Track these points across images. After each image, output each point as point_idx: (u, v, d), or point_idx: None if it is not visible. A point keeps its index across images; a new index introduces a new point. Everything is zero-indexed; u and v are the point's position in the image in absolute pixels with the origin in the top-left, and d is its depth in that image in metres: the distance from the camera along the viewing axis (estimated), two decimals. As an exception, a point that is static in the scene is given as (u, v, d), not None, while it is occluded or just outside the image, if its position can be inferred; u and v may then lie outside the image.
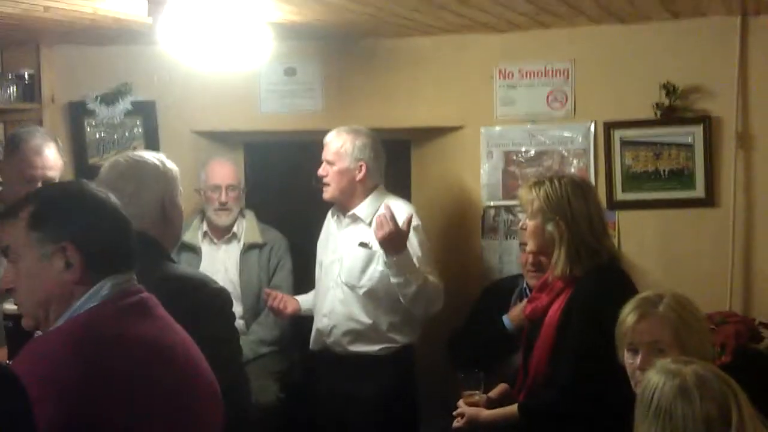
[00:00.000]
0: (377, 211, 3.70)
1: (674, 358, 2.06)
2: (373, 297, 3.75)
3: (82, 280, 1.83)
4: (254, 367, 3.87)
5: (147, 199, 2.48)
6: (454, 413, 3.19)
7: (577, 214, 3.03)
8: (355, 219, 3.81)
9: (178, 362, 1.88)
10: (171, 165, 2.61)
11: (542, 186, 3.09)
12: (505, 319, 3.67)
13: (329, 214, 3.97)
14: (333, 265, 3.85)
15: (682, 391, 1.89)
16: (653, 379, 1.95)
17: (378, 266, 3.71)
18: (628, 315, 2.47)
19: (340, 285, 3.81)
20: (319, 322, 3.87)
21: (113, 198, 1.96)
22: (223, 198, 4.11)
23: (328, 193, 3.82)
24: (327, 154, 3.81)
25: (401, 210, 3.71)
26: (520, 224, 3.28)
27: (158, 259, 2.43)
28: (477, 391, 3.22)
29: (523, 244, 3.77)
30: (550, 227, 3.04)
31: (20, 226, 1.84)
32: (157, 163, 2.57)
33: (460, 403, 3.20)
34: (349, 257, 3.79)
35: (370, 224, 3.72)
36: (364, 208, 3.79)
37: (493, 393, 3.30)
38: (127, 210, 2.40)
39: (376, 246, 3.67)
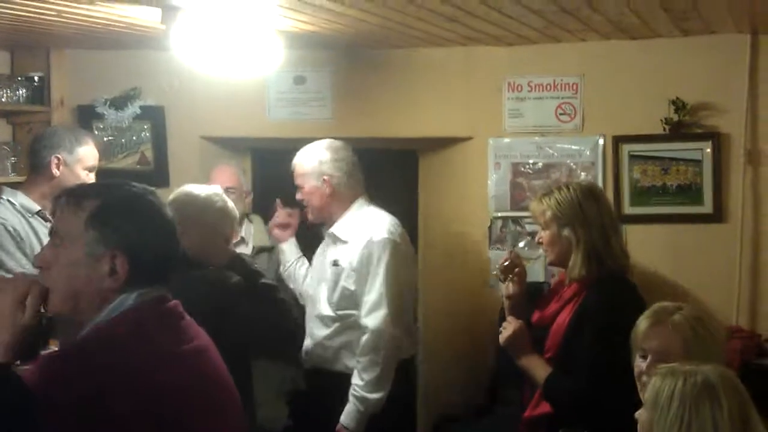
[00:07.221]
0: (356, 226, 3.62)
1: (683, 362, 2.07)
2: (343, 316, 3.61)
3: (120, 289, 1.82)
4: (262, 390, 3.79)
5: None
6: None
7: (590, 217, 3.04)
8: (333, 238, 3.69)
9: (201, 371, 1.88)
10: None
11: (552, 195, 3.11)
12: None
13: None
14: (319, 283, 3.74)
15: (708, 388, 1.91)
16: (666, 381, 1.95)
17: (345, 283, 3.57)
18: (643, 320, 2.47)
19: (316, 303, 3.71)
20: (305, 343, 3.76)
21: (166, 207, 1.95)
22: None
23: (310, 215, 3.76)
24: (295, 177, 3.73)
25: (379, 223, 3.61)
26: (537, 238, 3.25)
27: None
28: None
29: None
30: (565, 232, 3.04)
31: (80, 217, 1.82)
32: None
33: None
34: (325, 275, 3.68)
35: (346, 242, 3.63)
36: (341, 226, 3.67)
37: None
38: None
39: (344, 263, 3.59)
